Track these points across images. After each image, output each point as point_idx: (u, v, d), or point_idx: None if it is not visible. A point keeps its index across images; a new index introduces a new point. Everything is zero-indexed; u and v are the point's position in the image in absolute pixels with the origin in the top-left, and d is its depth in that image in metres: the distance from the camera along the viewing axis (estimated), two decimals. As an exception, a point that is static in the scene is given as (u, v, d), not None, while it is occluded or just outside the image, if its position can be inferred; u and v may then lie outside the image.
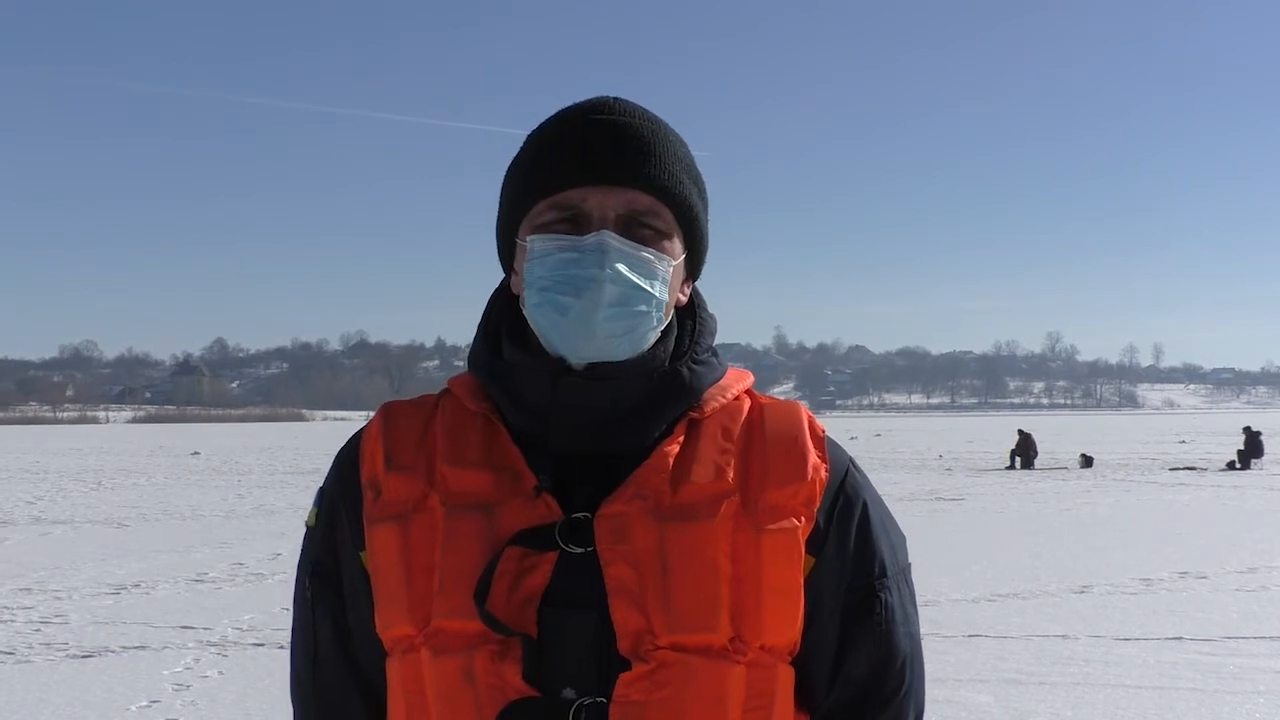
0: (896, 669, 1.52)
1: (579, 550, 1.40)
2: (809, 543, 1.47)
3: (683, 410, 1.49)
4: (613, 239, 1.43)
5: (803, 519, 1.46)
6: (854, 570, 1.50)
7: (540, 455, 1.45)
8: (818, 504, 1.48)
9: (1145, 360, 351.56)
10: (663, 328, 1.50)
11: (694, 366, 1.51)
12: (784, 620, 1.44)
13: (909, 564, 1.59)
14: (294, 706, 1.61)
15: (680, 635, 1.39)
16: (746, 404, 1.55)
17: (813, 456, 1.50)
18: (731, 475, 1.46)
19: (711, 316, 1.59)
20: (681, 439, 1.47)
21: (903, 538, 1.61)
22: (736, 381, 1.57)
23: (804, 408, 1.57)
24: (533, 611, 1.39)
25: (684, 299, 1.55)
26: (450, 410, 1.53)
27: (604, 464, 1.45)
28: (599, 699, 1.39)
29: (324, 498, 1.57)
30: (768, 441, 1.49)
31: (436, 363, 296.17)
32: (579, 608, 1.40)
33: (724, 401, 1.53)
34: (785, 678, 1.45)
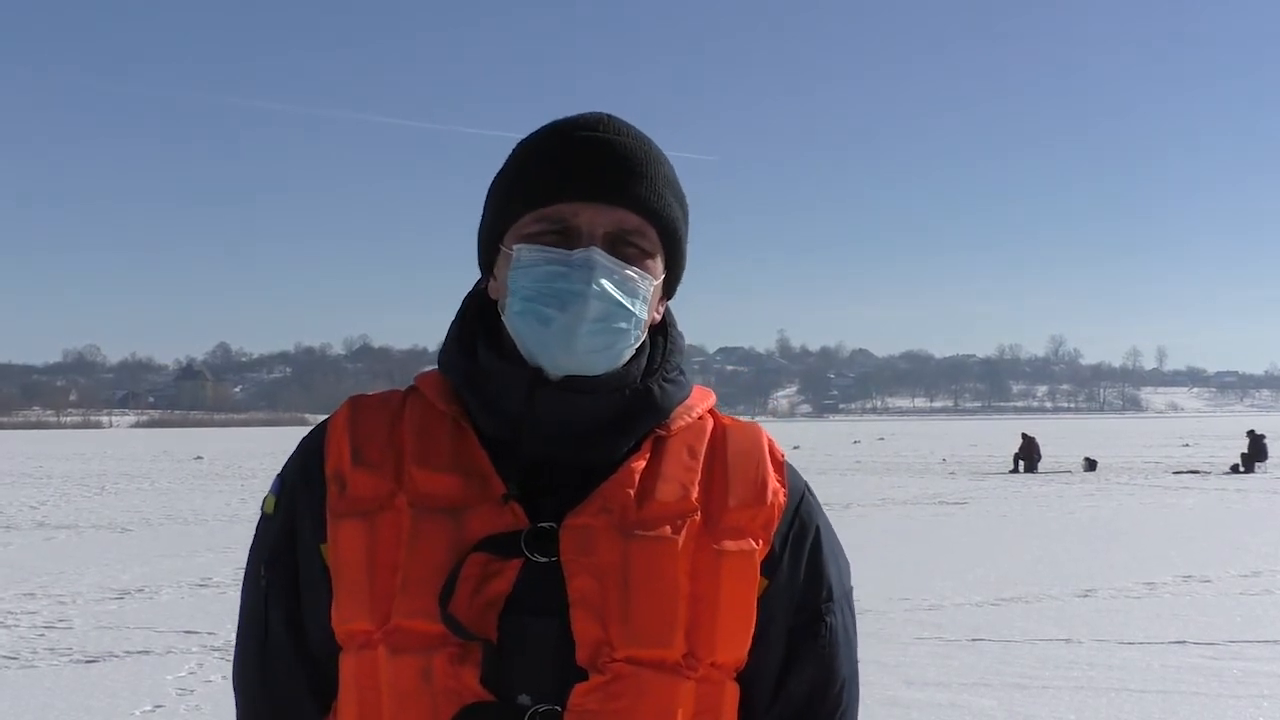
0: (835, 691, 1.57)
1: (543, 559, 1.42)
2: (764, 565, 1.50)
3: (651, 427, 1.52)
4: (601, 256, 1.45)
5: (760, 541, 1.50)
6: (803, 594, 1.55)
7: (509, 462, 1.47)
8: (774, 527, 1.52)
9: (1149, 363, 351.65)
10: (639, 345, 1.52)
11: (664, 384, 1.53)
12: (736, 639, 1.48)
13: (852, 588, 1.64)
14: (237, 697, 1.60)
15: (636, 649, 1.42)
16: (710, 423, 1.58)
17: (773, 481, 1.54)
18: (695, 494, 1.49)
19: (681, 335, 1.63)
20: (648, 455, 1.50)
21: (847, 563, 1.65)
22: (701, 400, 1.59)
23: (764, 431, 1.61)
24: (494, 617, 1.41)
25: (658, 318, 1.58)
26: (419, 409, 1.54)
27: (571, 475, 1.47)
28: (554, 707, 1.41)
29: (284, 486, 1.57)
30: (730, 463, 1.53)
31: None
32: (540, 616, 1.42)
33: (690, 420, 1.56)
34: (731, 694, 1.50)
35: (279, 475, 1.59)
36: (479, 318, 1.57)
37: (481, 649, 1.40)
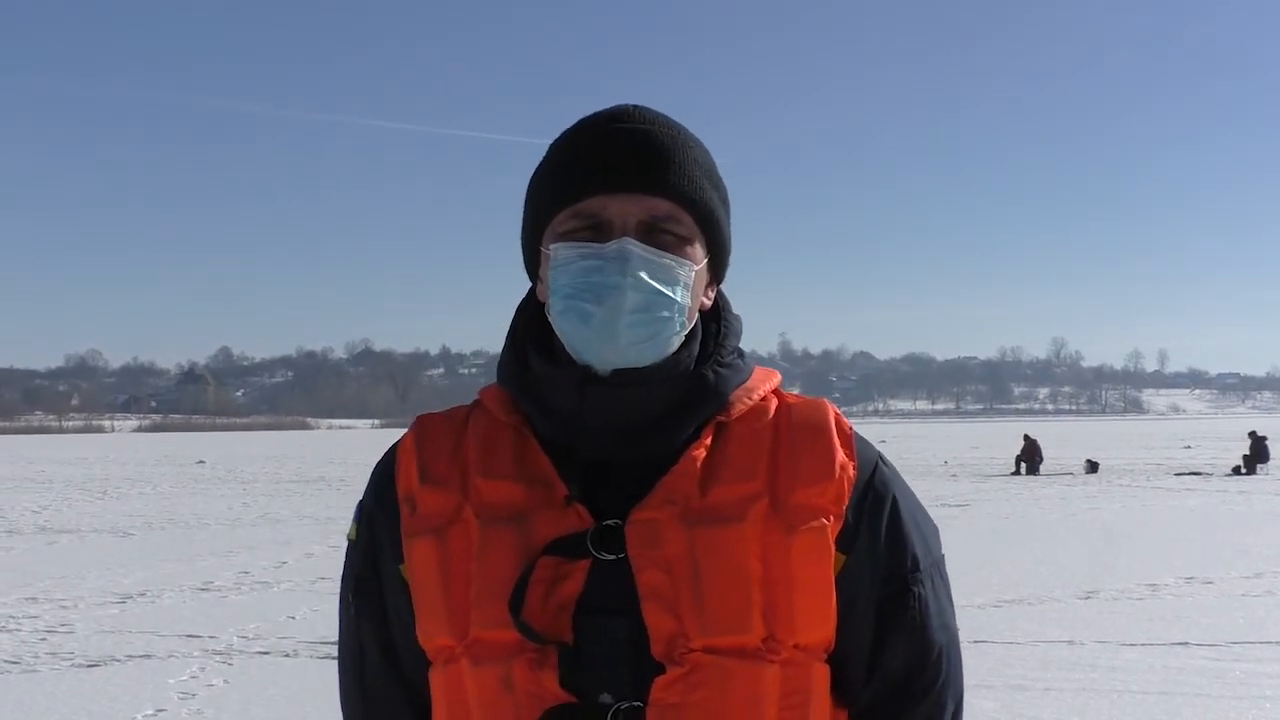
0: (933, 661, 1.54)
1: (611, 557, 1.43)
2: (839, 540, 1.48)
3: (710, 414, 1.50)
4: (634, 245, 1.45)
5: (831, 517, 1.47)
6: (886, 565, 1.52)
7: (570, 464, 1.47)
8: (846, 501, 1.49)
9: (1150, 365, 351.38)
10: (686, 332, 1.51)
11: (719, 369, 1.52)
12: (816, 619, 1.45)
13: (942, 555, 1.61)
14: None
15: (713, 638, 1.41)
16: (774, 404, 1.56)
17: (840, 454, 1.51)
18: (760, 477, 1.47)
19: (737, 318, 1.61)
20: (709, 442, 1.49)
21: (935, 529, 1.62)
22: (763, 382, 1.58)
23: (831, 405, 1.58)
24: (567, 619, 1.42)
25: (708, 303, 1.57)
26: (482, 422, 1.55)
27: (633, 470, 1.47)
28: (636, 703, 1.41)
29: (363, 513, 1.60)
30: (795, 441, 1.51)
31: (441, 370, 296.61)
32: (613, 614, 1.42)
33: (750, 403, 1.54)
34: (820, 675, 1.47)
35: (359, 503, 1.62)
36: (531, 324, 1.57)
37: (558, 652, 1.41)
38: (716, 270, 1.57)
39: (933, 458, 44.34)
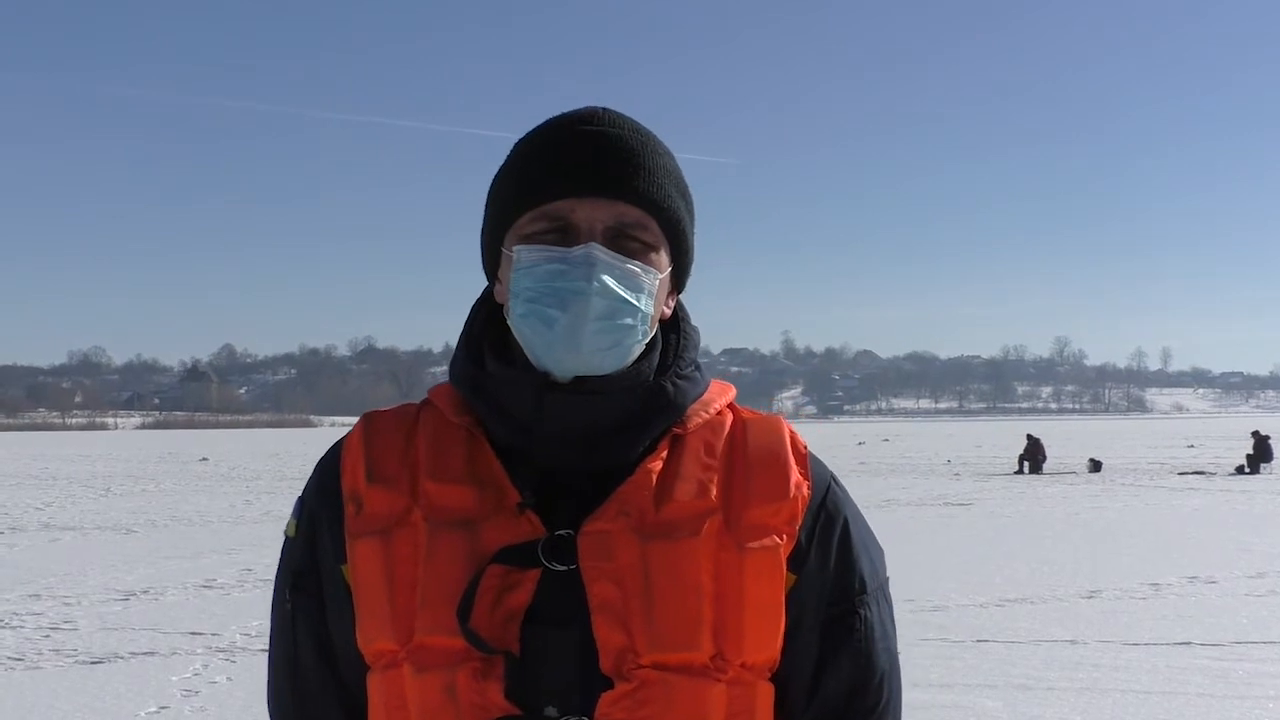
0: (875, 684, 1.53)
1: (562, 568, 1.40)
2: (790, 560, 1.46)
3: (666, 426, 1.48)
4: (600, 251, 1.42)
5: (784, 537, 1.45)
6: (834, 587, 1.50)
7: (523, 470, 1.44)
8: (799, 522, 1.47)
9: (1153, 364, 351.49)
10: (647, 341, 1.49)
11: (678, 381, 1.50)
12: (765, 638, 1.44)
13: (887, 578, 1.59)
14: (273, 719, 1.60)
15: (662, 654, 1.39)
16: (729, 419, 1.54)
17: (795, 474, 1.49)
18: (714, 493, 1.45)
19: (695, 329, 1.58)
20: (665, 455, 1.46)
21: (881, 551, 1.60)
22: (719, 395, 1.55)
23: (786, 423, 1.56)
24: (515, 629, 1.39)
25: (668, 312, 1.54)
26: (432, 422, 1.51)
27: (587, 480, 1.44)
28: (582, 717, 1.39)
29: (304, 508, 1.56)
30: (750, 458, 1.49)
31: (444, 368, 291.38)
32: (562, 625, 1.40)
33: (707, 417, 1.51)
34: (765, 694, 1.45)
35: (299, 498, 1.58)
36: (487, 325, 1.54)
37: (504, 662, 1.38)
38: (679, 279, 1.54)
39: (935, 456, 44.28)
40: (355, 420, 1.60)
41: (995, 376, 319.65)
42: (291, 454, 53.74)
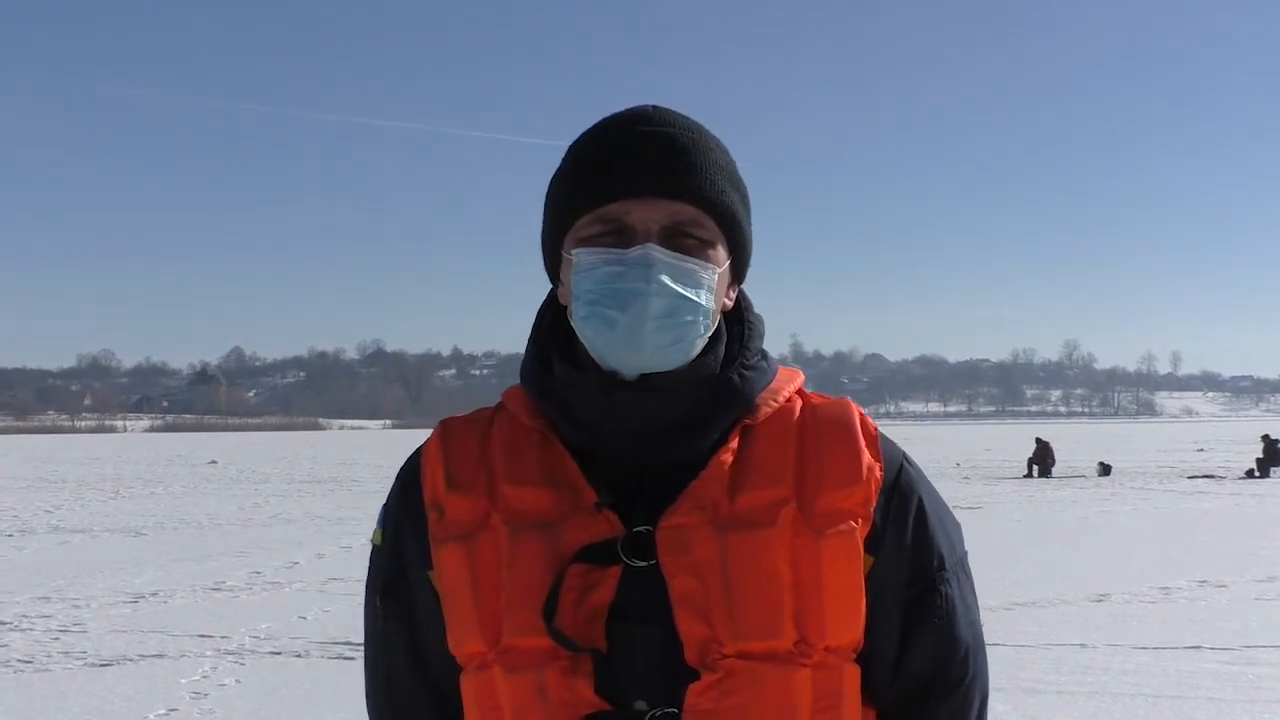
0: (960, 659, 1.54)
1: (642, 564, 1.43)
2: (867, 542, 1.48)
3: (736, 417, 1.50)
4: (657, 251, 1.44)
5: (860, 520, 1.47)
6: (912, 566, 1.52)
7: (598, 470, 1.46)
8: (874, 503, 1.49)
9: (1163, 368, 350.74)
10: (710, 334, 1.51)
11: (745, 372, 1.51)
12: (847, 621, 1.45)
13: (965, 552, 1.61)
14: None
15: (746, 643, 1.41)
16: (798, 405, 1.55)
17: (866, 456, 1.50)
18: (787, 481, 1.47)
19: (759, 318, 1.60)
20: (736, 446, 1.48)
21: (958, 526, 1.62)
22: (787, 383, 1.57)
23: (854, 406, 1.58)
24: (600, 626, 1.42)
25: (730, 304, 1.56)
26: (506, 426, 1.54)
27: (661, 475, 1.46)
28: (670, 709, 1.41)
29: (388, 516, 1.59)
30: (821, 444, 1.50)
31: (453, 371, 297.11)
32: (645, 620, 1.42)
33: (776, 405, 1.53)
34: (851, 676, 1.47)
35: (384, 506, 1.61)
36: (553, 327, 1.56)
37: (591, 659, 1.41)
38: (738, 271, 1.56)
39: (945, 460, 44.23)
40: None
41: (1004, 380, 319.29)
42: (300, 457, 53.81)
